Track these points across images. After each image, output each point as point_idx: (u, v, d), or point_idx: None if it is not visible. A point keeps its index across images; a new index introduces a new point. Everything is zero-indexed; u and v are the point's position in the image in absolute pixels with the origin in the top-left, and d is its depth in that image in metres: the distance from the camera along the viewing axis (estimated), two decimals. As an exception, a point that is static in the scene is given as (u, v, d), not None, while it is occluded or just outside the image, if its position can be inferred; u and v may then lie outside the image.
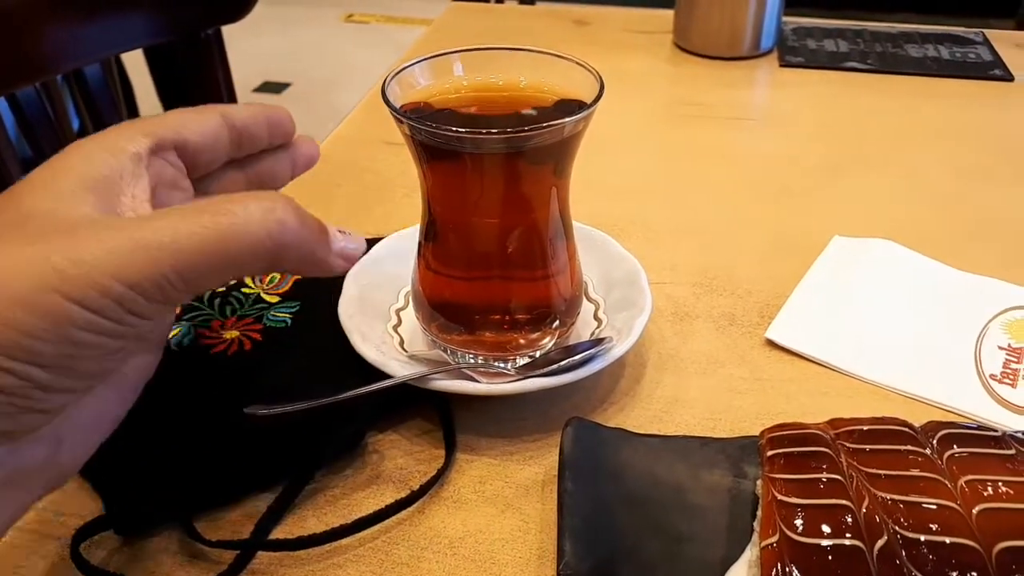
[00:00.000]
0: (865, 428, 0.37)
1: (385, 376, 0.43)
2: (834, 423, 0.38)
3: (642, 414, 0.46)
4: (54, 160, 0.31)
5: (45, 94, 0.99)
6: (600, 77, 0.41)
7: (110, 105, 1.07)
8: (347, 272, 0.33)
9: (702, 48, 0.91)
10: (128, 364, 0.32)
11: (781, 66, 0.89)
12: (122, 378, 0.32)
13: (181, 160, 0.35)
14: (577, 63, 0.42)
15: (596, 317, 0.50)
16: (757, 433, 0.40)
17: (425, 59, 0.43)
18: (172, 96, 2.04)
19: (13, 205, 0.29)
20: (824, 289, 0.55)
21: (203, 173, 0.37)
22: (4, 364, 0.25)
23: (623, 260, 0.52)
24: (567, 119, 0.39)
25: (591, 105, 0.40)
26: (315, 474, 0.42)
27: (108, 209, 0.30)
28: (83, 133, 1.15)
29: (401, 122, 0.39)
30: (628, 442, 0.41)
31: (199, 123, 0.35)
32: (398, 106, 0.41)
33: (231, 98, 1.30)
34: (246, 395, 0.42)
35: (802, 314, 0.53)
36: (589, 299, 0.51)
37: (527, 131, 0.37)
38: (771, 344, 0.51)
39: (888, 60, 0.90)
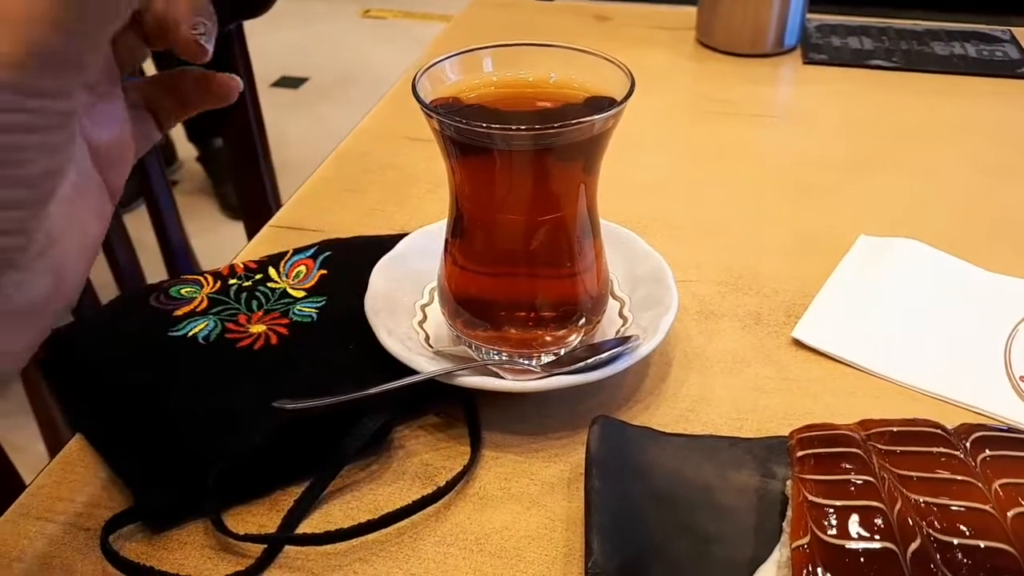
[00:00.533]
0: (896, 429, 0.37)
1: (411, 372, 0.43)
2: (864, 424, 0.38)
3: (668, 413, 0.46)
4: None
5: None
6: (631, 74, 0.41)
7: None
8: (201, 62, 0.31)
9: (725, 45, 0.90)
10: (86, 159, 0.30)
11: (805, 63, 0.88)
12: (89, 185, 0.31)
13: None
14: (607, 59, 0.42)
15: (621, 315, 0.50)
16: (785, 433, 0.40)
17: (455, 55, 0.43)
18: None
19: None
20: (851, 289, 0.55)
21: None
22: None
23: (648, 257, 0.52)
24: (597, 116, 0.39)
25: (622, 102, 0.39)
26: (342, 469, 0.42)
27: None
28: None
29: (431, 117, 0.39)
30: (655, 441, 0.41)
31: None
32: (428, 101, 0.41)
33: (251, 93, 1.30)
34: (273, 390, 0.43)
35: (829, 314, 0.53)
36: (614, 297, 0.51)
37: (557, 128, 0.37)
38: (798, 344, 0.51)
39: (914, 58, 0.89)
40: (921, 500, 0.33)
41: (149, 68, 1.75)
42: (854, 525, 0.32)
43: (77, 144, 0.30)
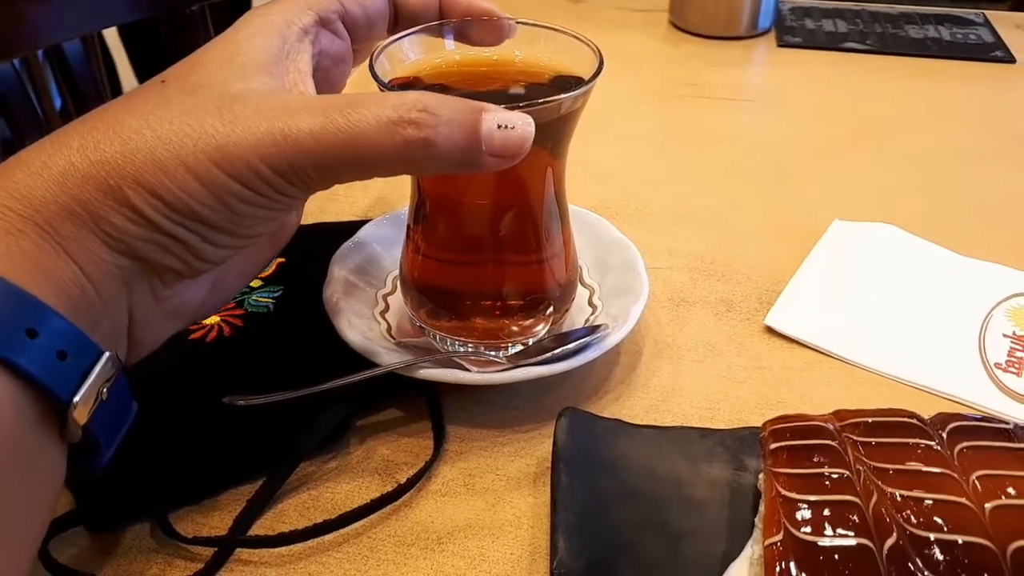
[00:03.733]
0: (871, 420, 0.35)
1: (371, 364, 0.41)
2: (839, 415, 0.36)
3: (638, 403, 0.45)
4: (227, 37, 0.34)
5: (26, 72, 0.96)
6: (599, 52, 0.39)
7: (91, 84, 1.04)
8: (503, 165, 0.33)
9: (699, 27, 0.89)
10: (279, 224, 0.37)
11: (779, 46, 0.87)
12: (271, 234, 0.38)
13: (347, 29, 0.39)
14: (575, 37, 0.40)
15: (591, 303, 0.48)
16: (758, 424, 0.39)
17: (415, 31, 0.41)
18: (152, 68, 1.99)
19: (190, 74, 0.32)
20: (824, 274, 0.53)
21: (362, 45, 0.40)
22: (176, 218, 0.30)
23: (619, 245, 0.50)
24: (563, 95, 0.37)
25: (590, 81, 0.38)
26: (297, 467, 0.40)
27: (274, 84, 0.33)
28: (65, 112, 1.12)
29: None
30: (624, 433, 0.40)
31: None
32: (387, 81, 0.39)
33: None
34: (226, 384, 0.41)
35: (802, 300, 0.51)
36: (584, 285, 0.49)
37: (522, 107, 0.35)
38: (770, 331, 0.50)
39: (888, 41, 0.88)
40: (897, 494, 0.32)
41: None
42: (828, 521, 0.31)
43: None
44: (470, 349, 0.44)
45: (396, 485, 0.39)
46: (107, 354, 0.29)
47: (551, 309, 0.44)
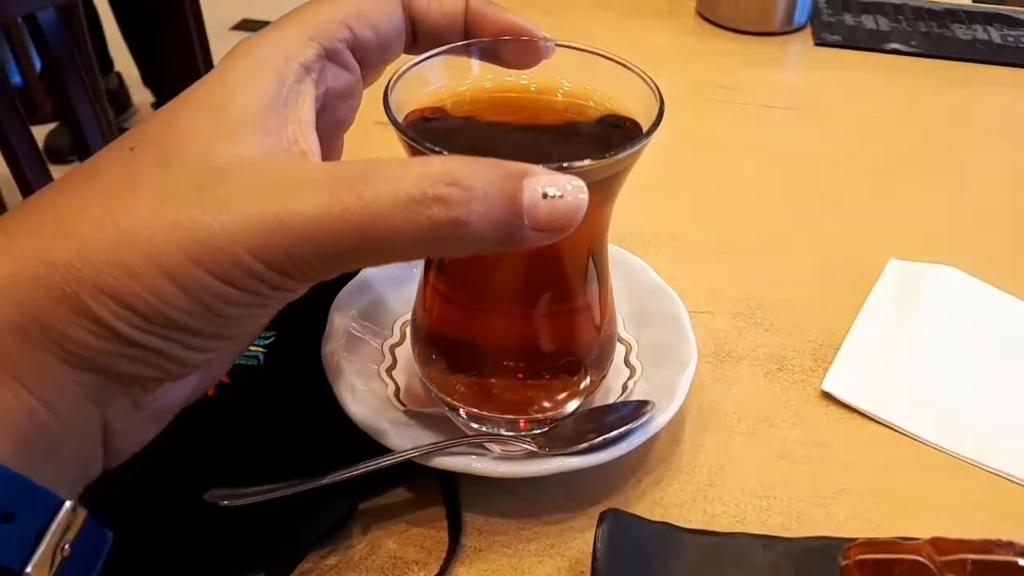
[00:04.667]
0: (974, 558, 0.30)
1: (378, 444, 0.35)
2: (937, 545, 0.31)
3: (683, 488, 0.39)
4: (211, 83, 0.27)
5: (7, 37, 0.89)
6: (660, 94, 0.32)
7: (67, 53, 0.96)
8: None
9: (729, 21, 0.82)
10: None
11: (816, 44, 0.80)
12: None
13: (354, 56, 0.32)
14: (631, 69, 0.34)
15: (627, 363, 0.42)
16: (822, 523, 0.34)
17: (437, 53, 0.34)
18: (137, 38, 1.92)
19: (163, 139, 0.26)
20: (885, 329, 0.48)
21: (373, 70, 0.34)
22: (149, 328, 0.24)
23: (659, 292, 0.44)
24: (622, 152, 0.30)
25: (650, 132, 0.31)
26: (293, 568, 0.34)
27: (268, 146, 0.26)
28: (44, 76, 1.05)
29: (411, 145, 0.31)
30: (675, 542, 0.34)
31: (378, 14, 0.32)
32: (402, 117, 0.32)
33: (201, 38, 1.19)
34: (209, 464, 0.35)
35: (862, 361, 0.46)
36: (620, 340, 0.43)
37: (573, 168, 0.29)
38: (828, 397, 0.44)
39: (934, 42, 0.81)
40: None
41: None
42: None
43: None
44: (491, 430, 0.38)
45: (406, 595, 0.33)
46: (67, 504, 0.23)
47: (587, 380, 0.38)
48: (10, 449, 0.22)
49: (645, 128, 0.32)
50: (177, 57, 1.19)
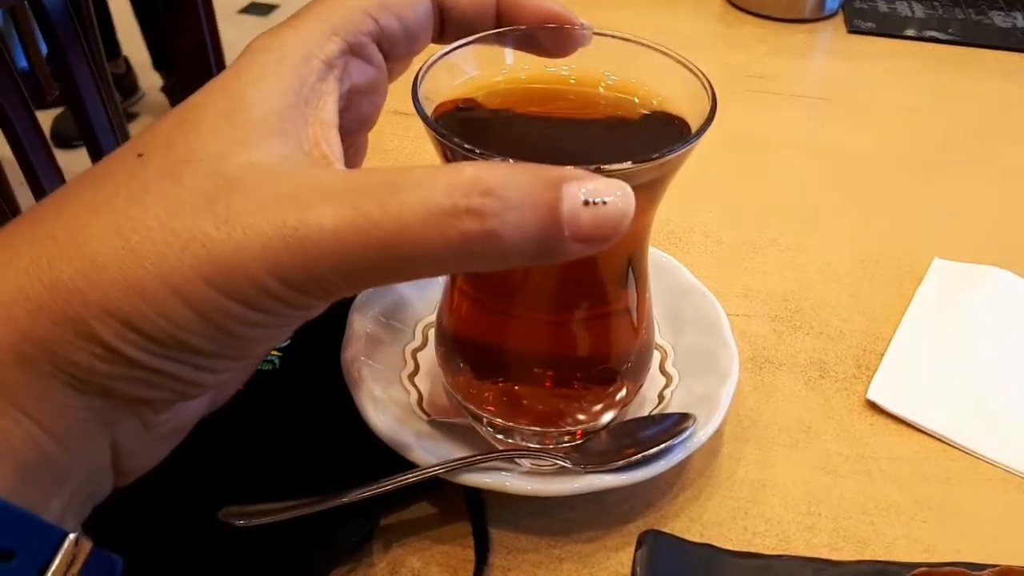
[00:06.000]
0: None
1: (401, 460, 0.33)
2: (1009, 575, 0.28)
3: (722, 504, 0.37)
4: (226, 82, 0.25)
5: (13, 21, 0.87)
6: (712, 90, 0.30)
7: (73, 38, 0.94)
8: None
9: (758, 7, 0.79)
10: None
11: (849, 32, 0.77)
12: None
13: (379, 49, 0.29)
14: (680, 62, 0.31)
15: (663, 371, 0.40)
16: (877, 552, 0.31)
17: (468, 42, 0.32)
18: (151, 21, 1.90)
19: (173, 144, 0.23)
20: (931, 335, 0.45)
21: (399, 63, 0.31)
22: (159, 351, 0.22)
23: (696, 295, 0.42)
24: (670, 153, 0.28)
25: (701, 131, 0.29)
26: (310, 589, 0.32)
27: (286, 152, 0.24)
28: (50, 60, 1.03)
29: (445, 144, 0.28)
30: (719, 565, 0.32)
31: (404, 3, 0.29)
32: (431, 109, 0.30)
33: (210, 21, 1.17)
34: (222, 470, 0.33)
35: (908, 368, 0.43)
36: (656, 347, 0.41)
37: (616, 171, 0.26)
38: (873, 406, 0.42)
39: (971, 30, 0.78)
40: None
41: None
42: None
43: None
44: (519, 442, 0.36)
45: (432, 621, 0.31)
46: (70, 537, 0.21)
47: (623, 390, 0.36)
48: (11, 481, 0.20)
49: (695, 127, 0.29)
50: (185, 40, 1.17)
